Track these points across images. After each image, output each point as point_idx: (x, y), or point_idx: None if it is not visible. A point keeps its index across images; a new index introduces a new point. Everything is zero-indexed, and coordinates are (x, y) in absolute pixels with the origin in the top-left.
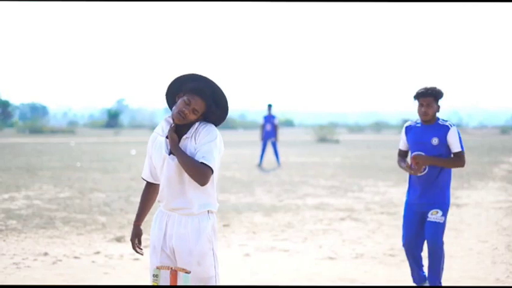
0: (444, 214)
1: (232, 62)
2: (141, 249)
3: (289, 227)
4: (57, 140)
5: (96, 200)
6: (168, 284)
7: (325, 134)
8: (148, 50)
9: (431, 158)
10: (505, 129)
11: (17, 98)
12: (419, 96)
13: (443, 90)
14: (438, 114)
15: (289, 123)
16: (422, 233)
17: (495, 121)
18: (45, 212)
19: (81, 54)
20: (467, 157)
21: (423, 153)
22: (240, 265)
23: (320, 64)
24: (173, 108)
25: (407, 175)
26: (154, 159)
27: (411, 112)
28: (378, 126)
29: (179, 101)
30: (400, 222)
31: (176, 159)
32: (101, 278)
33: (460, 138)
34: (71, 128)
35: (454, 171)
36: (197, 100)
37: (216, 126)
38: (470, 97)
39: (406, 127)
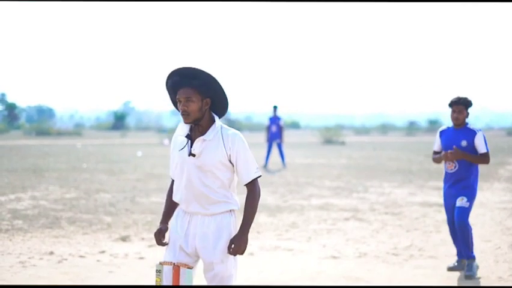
0: (469, 200)
1: (238, 64)
2: (164, 241)
3: (293, 227)
4: (63, 142)
5: (102, 200)
6: (171, 279)
7: (331, 136)
8: (154, 53)
9: (463, 152)
10: (511, 131)
11: (23, 100)
12: (452, 104)
13: (472, 100)
14: (467, 120)
15: (295, 125)
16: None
17: (502, 123)
18: (51, 212)
19: (87, 56)
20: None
21: (456, 148)
22: (245, 264)
23: (326, 66)
24: None
25: (412, 176)
26: (174, 157)
27: (417, 114)
28: (385, 128)
29: (179, 106)
30: (404, 222)
31: (197, 162)
32: (106, 276)
33: (485, 141)
34: (77, 130)
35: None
36: (182, 92)
37: (225, 107)
38: (477, 99)
39: (440, 131)
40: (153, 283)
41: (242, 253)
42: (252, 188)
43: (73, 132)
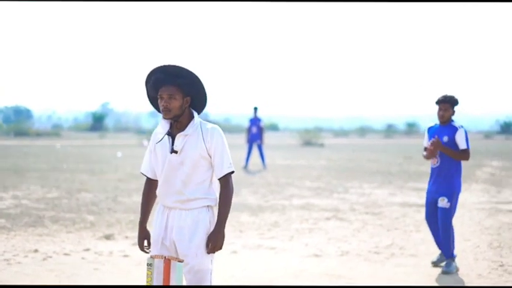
0: (450, 200)
1: (217, 65)
2: (149, 249)
3: (275, 226)
4: (42, 143)
5: (84, 200)
6: (162, 272)
7: (310, 138)
8: (132, 54)
9: (443, 146)
10: (488, 134)
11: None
12: (439, 102)
13: (458, 99)
14: (453, 117)
15: (274, 127)
16: (436, 212)
17: (479, 126)
18: (33, 211)
19: (65, 57)
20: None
21: (437, 137)
22: (228, 262)
23: (305, 69)
24: None
25: (391, 177)
26: (154, 154)
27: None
28: (363, 131)
29: (160, 103)
30: (384, 221)
31: (179, 158)
32: (91, 274)
33: (466, 137)
34: (56, 131)
35: None
36: (165, 89)
37: (203, 106)
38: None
39: (428, 128)
40: (139, 280)
41: (220, 248)
42: (225, 183)
43: (51, 133)
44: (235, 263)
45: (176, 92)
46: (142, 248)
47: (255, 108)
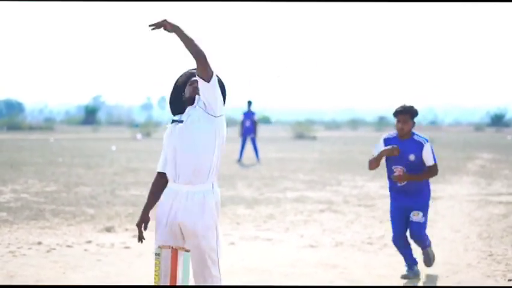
0: (425, 214)
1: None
2: (143, 238)
3: (271, 218)
4: (36, 137)
5: (82, 193)
6: (169, 261)
7: (302, 131)
8: (123, 46)
9: (409, 176)
10: (479, 127)
11: None
12: (397, 113)
13: (418, 109)
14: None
15: (266, 120)
16: (407, 227)
17: (470, 118)
18: (34, 205)
19: (56, 49)
20: (443, 153)
21: (403, 170)
22: (226, 253)
23: (296, 61)
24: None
25: (383, 170)
26: (167, 141)
27: (386, 109)
28: (355, 123)
29: (187, 89)
30: (377, 213)
31: (184, 127)
32: (94, 265)
33: (432, 152)
34: (49, 125)
35: None
36: (195, 81)
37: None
38: (445, 94)
39: (385, 139)
40: (142, 270)
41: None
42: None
43: (44, 127)
44: (233, 254)
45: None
46: (140, 228)
47: (249, 102)
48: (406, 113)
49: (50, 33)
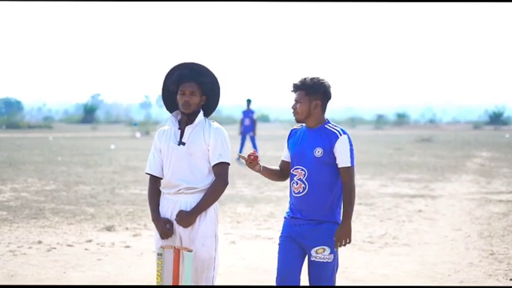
0: (333, 251)
1: (206, 56)
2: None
3: (271, 217)
4: (35, 135)
5: (82, 192)
6: (172, 262)
7: None
8: (121, 45)
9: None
10: (477, 125)
11: None
12: (293, 90)
13: (326, 84)
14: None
15: (265, 119)
16: (300, 266)
17: (468, 116)
18: (33, 204)
19: (54, 48)
20: (441, 152)
21: (255, 152)
22: (227, 251)
23: (294, 59)
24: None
25: (383, 169)
26: (163, 149)
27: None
28: (353, 122)
29: (178, 97)
30: (377, 212)
31: (186, 149)
32: (95, 264)
33: (350, 149)
34: (47, 123)
35: (426, 164)
36: (189, 86)
37: (213, 108)
38: (444, 93)
39: (291, 130)
40: (142, 270)
41: (185, 226)
42: (219, 171)
43: (43, 126)
44: (234, 253)
45: (198, 90)
46: (166, 232)
47: (248, 101)
48: (301, 89)
49: (48, 32)
